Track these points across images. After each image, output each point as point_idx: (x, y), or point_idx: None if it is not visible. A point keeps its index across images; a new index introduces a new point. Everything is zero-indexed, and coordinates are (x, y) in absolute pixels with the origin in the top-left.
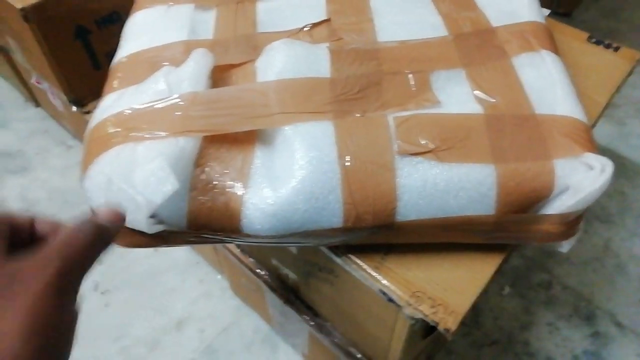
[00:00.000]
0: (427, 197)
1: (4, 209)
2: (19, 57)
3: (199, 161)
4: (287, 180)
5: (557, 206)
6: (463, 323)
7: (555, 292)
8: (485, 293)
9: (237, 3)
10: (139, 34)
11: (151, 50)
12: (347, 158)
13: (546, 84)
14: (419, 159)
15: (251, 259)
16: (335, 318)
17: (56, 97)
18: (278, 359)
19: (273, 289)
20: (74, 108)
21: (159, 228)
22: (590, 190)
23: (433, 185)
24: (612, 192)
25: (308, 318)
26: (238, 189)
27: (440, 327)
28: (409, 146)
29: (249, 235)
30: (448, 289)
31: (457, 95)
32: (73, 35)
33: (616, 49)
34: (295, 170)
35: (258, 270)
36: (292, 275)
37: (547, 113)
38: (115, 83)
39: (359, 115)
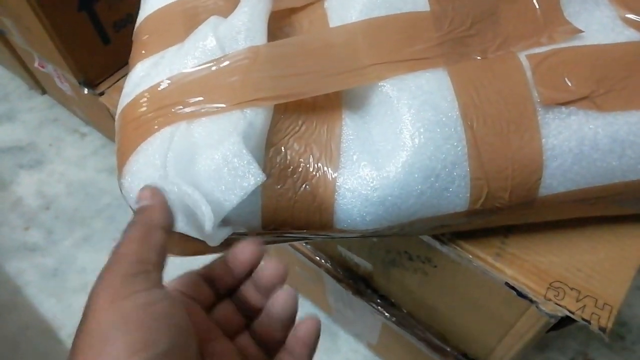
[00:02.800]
0: (583, 161)
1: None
2: (17, 39)
3: (273, 139)
4: (394, 154)
5: None
6: None
7: None
8: None
9: None
10: None
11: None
12: (474, 117)
13: None
14: (571, 109)
15: (309, 246)
16: (419, 310)
17: (64, 81)
18: (340, 349)
19: (338, 279)
20: (86, 90)
21: (225, 233)
22: None
23: (592, 145)
24: None
25: (382, 310)
26: (327, 172)
27: (594, 327)
28: (556, 93)
29: (344, 231)
30: (594, 275)
31: (601, 20)
32: (77, 5)
33: None
34: (405, 140)
35: (317, 258)
36: (365, 264)
37: None
38: (144, 48)
39: (478, 57)
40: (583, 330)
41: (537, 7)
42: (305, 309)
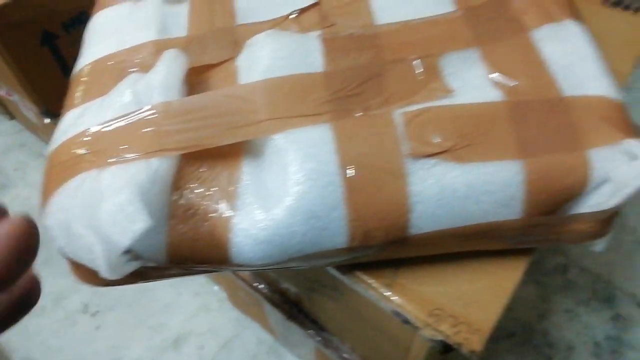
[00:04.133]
0: (445, 206)
1: None
2: None
3: (178, 183)
4: (281, 198)
5: (594, 203)
6: None
7: (572, 276)
8: None
9: None
10: (102, 36)
11: (117, 55)
12: (350, 167)
13: (574, 59)
14: (434, 160)
15: (247, 272)
16: (343, 333)
17: (28, 109)
18: None
19: (274, 304)
20: (47, 120)
21: (134, 266)
22: (636, 184)
23: (452, 191)
24: None
25: (313, 333)
26: (224, 213)
27: (465, 350)
28: (421, 146)
29: (241, 265)
30: (470, 303)
31: (472, 81)
32: (39, 41)
33: (637, 10)
34: (290, 186)
35: (256, 284)
36: (293, 289)
37: (578, 94)
38: (76, 97)
39: (360, 114)
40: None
41: (419, 68)
42: (255, 332)
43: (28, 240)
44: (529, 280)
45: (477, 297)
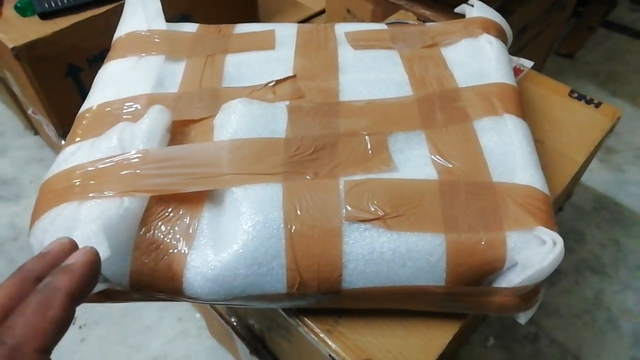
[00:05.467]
0: (373, 266)
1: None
2: (15, 89)
3: (146, 220)
4: (230, 243)
5: (510, 279)
6: None
7: (542, 346)
8: (468, 344)
9: (207, 55)
10: (108, 84)
11: (116, 102)
12: (294, 223)
13: (506, 150)
14: (367, 225)
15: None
16: None
17: (50, 129)
18: None
19: (241, 337)
20: (63, 142)
21: (100, 287)
22: (539, 267)
23: (380, 254)
24: (607, 241)
25: None
26: (181, 250)
27: None
28: (358, 212)
29: (192, 298)
30: (399, 357)
31: (415, 159)
32: (64, 73)
33: (597, 105)
34: (239, 234)
35: (227, 317)
36: (257, 325)
37: (505, 181)
38: (76, 135)
39: (309, 177)
40: None
41: (369, 143)
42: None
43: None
44: (499, 345)
45: (406, 352)
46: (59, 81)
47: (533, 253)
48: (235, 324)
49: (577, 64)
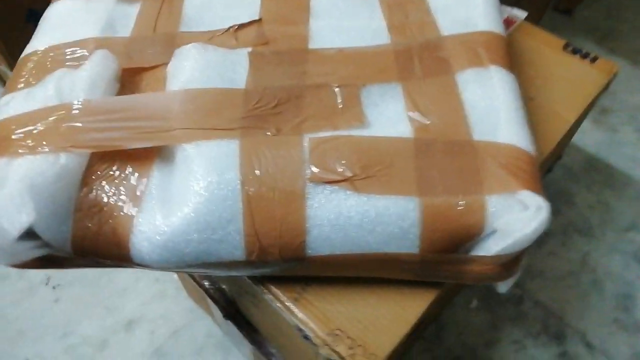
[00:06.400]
0: (339, 231)
1: None
2: None
3: (87, 179)
4: (180, 207)
5: (489, 247)
6: (423, 337)
7: (525, 308)
8: (451, 306)
9: None
10: (53, 26)
11: (61, 47)
12: (252, 184)
13: (490, 105)
14: (333, 187)
15: None
16: (270, 337)
17: None
18: None
19: (215, 301)
20: None
21: (40, 252)
22: (521, 234)
23: (347, 219)
24: (596, 203)
25: (246, 333)
26: (127, 213)
27: None
28: (323, 173)
29: (141, 265)
30: (370, 327)
31: (389, 114)
32: (24, 18)
33: (593, 60)
34: (190, 197)
35: (200, 280)
36: (228, 289)
37: (486, 139)
38: (16, 83)
39: (271, 134)
40: None
41: (339, 96)
42: (205, 324)
43: None
44: (483, 307)
45: (377, 322)
46: (20, 27)
47: (515, 219)
48: (207, 287)
49: (575, 21)
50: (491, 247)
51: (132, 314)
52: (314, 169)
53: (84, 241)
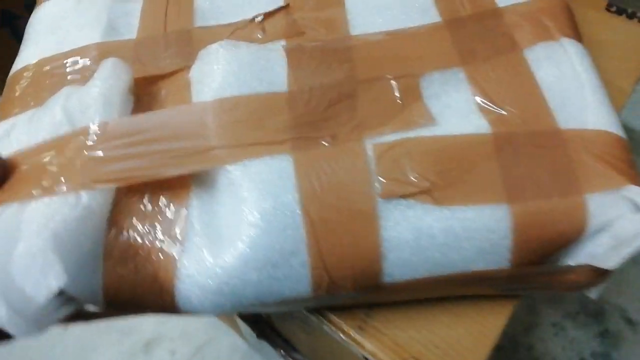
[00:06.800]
0: (421, 253)
1: None
2: None
3: (115, 218)
4: (233, 242)
5: (589, 253)
6: None
7: None
8: None
9: None
10: (43, 33)
11: (57, 58)
12: (314, 206)
13: (571, 85)
14: (409, 202)
15: None
16: (316, 357)
17: None
18: None
19: (244, 319)
20: None
21: (66, 312)
22: (637, 243)
23: (428, 237)
24: None
25: (284, 353)
26: (169, 255)
27: None
28: (396, 185)
29: (191, 313)
30: (450, 352)
31: (457, 107)
32: None
33: None
34: (243, 229)
35: None
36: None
37: (575, 127)
38: (10, 105)
39: (326, 143)
40: None
41: (396, 90)
42: (229, 337)
43: None
44: None
45: (458, 345)
46: None
47: (624, 224)
48: None
49: None
50: (594, 253)
51: (150, 335)
52: (384, 181)
53: (118, 293)
